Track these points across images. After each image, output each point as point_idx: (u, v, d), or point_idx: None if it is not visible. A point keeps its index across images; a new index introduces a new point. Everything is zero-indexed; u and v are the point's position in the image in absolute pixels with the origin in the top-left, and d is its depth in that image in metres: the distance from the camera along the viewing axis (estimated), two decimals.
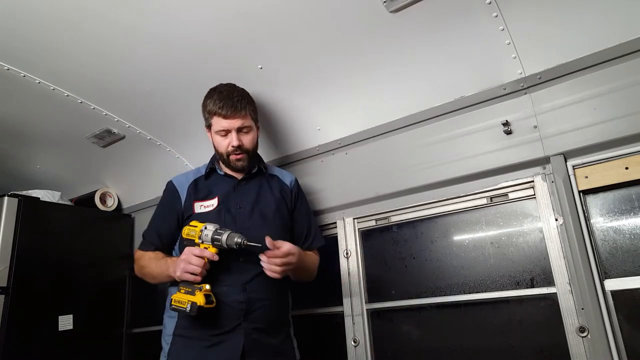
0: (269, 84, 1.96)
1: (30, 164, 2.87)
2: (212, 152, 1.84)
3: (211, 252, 1.47)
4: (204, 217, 1.62)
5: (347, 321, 1.97)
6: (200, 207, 1.69)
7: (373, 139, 2.01)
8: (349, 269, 2.03)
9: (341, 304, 2.01)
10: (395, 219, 1.99)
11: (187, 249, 1.48)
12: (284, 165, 2.27)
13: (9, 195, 2.29)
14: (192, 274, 1.44)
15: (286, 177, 1.88)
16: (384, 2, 1.53)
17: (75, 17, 1.69)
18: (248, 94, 1.76)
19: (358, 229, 2.07)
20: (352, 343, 1.93)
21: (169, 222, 1.73)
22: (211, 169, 1.80)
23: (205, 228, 1.51)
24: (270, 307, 1.62)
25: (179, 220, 1.71)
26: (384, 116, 1.96)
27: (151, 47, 1.83)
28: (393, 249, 1.98)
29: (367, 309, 1.95)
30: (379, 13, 1.58)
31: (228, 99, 1.66)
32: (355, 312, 1.96)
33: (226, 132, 1.68)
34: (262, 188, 1.78)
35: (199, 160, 2.52)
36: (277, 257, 1.47)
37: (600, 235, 1.53)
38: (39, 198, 2.47)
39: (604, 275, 1.49)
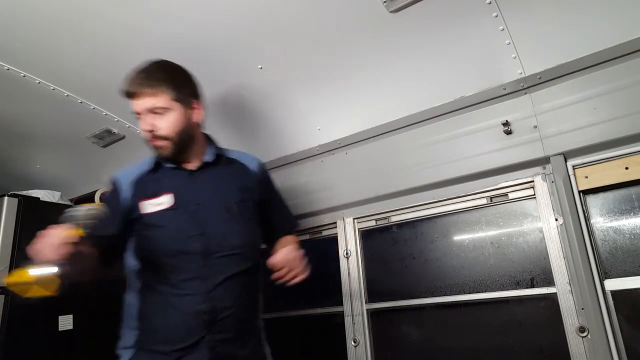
0: (269, 84, 1.96)
1: (30, 164, 2.87)
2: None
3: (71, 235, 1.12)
4: (156, 219, 1.41)
5: (347, 321, 1.97)
6: (149, 206, 1.43)
7: (373, 139, 2.01)
8: (349, 269, 2.03)
9: (341, 304, 2.01)
10: (395, 219, 1.99)
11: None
12: (283, 165, 2.27)
13: (9, 195, 2.28)
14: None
15: (250, 161, 1.60)
16: (384, 2, 1.53)
17: (76, 17, 1.69)
18: (173, 67, 1.48)
19: (358, 229, 2.07)
20: (352, 343, 1.93)
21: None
22: (157, 163, 1.51)
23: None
24: (238, 315, 1.40)
25: (124, 223, 1.44)
26: (384, 116, 1.96)
27: (151, 47, 1.82)
28: (393, 249, 1.98)
29: (367, 309, 1.95)
30: (379, 13, 1.58)
31: (137, 74, 1.40)
32: (355, 312, 1.96)
33: (139, 115, 1.40)
34: (222, 177, 1.52)
35: None
36: (285, 270, 1.36)
37: (600, 235, 1.53)
38: (39, 198, 2.47)
39: (604, 275, 1.49)
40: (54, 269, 1.13)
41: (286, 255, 1.38)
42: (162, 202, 1.44)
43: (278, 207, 1.66)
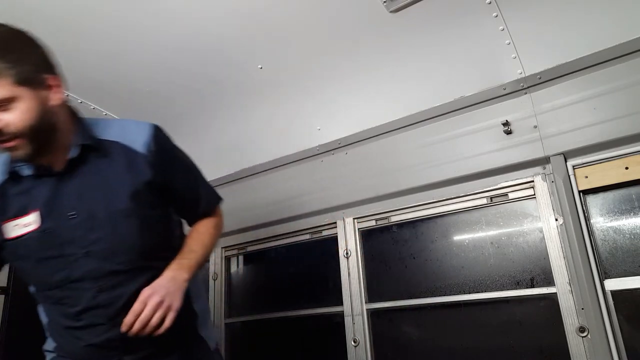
0: (269, 84, 1.96)
1: None
2: (213, 151, 1.83)
3: None
4: (25, 246, 1.12)
5: (347, 321, 1.97)
6: (16, 228, 1.12)
7: (373, 139, 2.01)
8: (349, 269, 2.03)
9: (341, 304, 2.01)
10: (395, 219, 1.98)
11: None
12: (283, 165, 2.26)
13: None
14: None
15: (135, 138, 1.20)
16: (384, 2, 1.53)
17: (75, 17, 1.68)
18: (6, 36, 1.11)
19: (358, 229, 2.07)
20: (352, 343, 1.93)
21: None
22: (13, 173, 1.15)
23: None
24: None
25: None
26: (384, 116, 1.96)
27: (151, 47, 1.83)
28: (393, 249, 1.98)
29: (367, 309, 1.95)
30: (379, 13, 1.58)
31: None
32: (355, 312, 1.96)
33: None
34: (101, 173, 1.15)
35: (198, 160, 2.52)
36: (138, 324, 1.06)
37: (600, 235, 1.53)
38: None
39: (604, 275, 1.49)
40: None
41: (138, 311, 1.07)
42: (29, 222, 1.12)
43: (185, 185, 1.30)
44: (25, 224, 1.12)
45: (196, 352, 1.26)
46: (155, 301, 1.07)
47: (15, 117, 1.04)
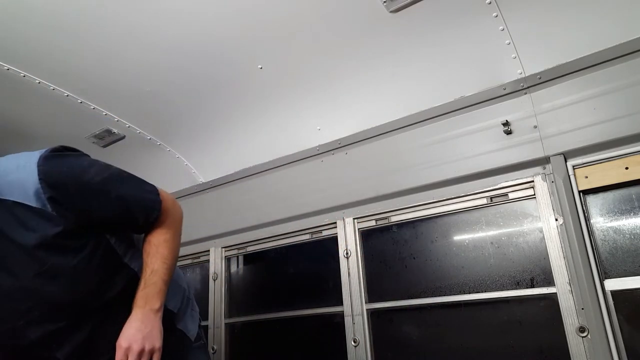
0: (269, 84, 1.96)
1: None
2: (213, 151, 1.83)
3: None
4: None
5: (347, 321, 1.97)
6: None
7: (373, 139, 2.01)
8: (349, 269, 2.03)
9: (341, 304, 2.01)
10: (395, 219, 1.98)
11: None
12: (283, 165, 2.26)
13: None
14: None
15: (23, 189, 0.97)
16: (384, 2, 1.53)
17: (76, 18, 1.68)
18: None
19: (358, 229, 2.07)
20: (352, 343, 1.93)
21: None
22: None
23: None
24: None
25: None
26: (384, 116, 1.96)
27: (151, 48, 1.83)
28: (393, 249, 1.98)
29: (367, 309, 1.95)
30: (379, 13, 1.58)
31: None
32: (355, 312, 1.96)
33: None
34: (2, 238, 0.99)
35: (198, 160, 2.53)
36: None
37: (600, 235, 1.53)
38: None
39: (604, 275, 1.49)
40: None
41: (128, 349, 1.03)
42: None
43: (109, 209, 1.09)
44: None
45: (176, 345, 1.20)
46: (136, 351, 1.02)
47: None
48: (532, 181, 1.66)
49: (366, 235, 2.07)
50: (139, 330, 1.04)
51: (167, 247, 1.18)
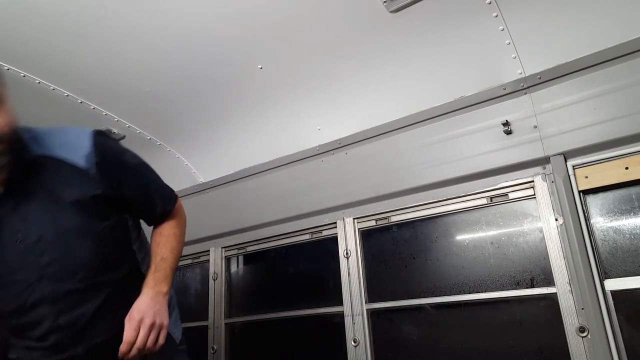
0: (269, 84, 1.96)
1: None
2: (213, 151, 1.83)
3: None
4: None
5: (347, 321, 1.97)
6: None
7: (373, 139, 2.01)
8: (349, 269, 2.03)
9: (341, 304, 2.01)
10: (395, 219, 1.98)
11: None
12: (283, 165, 2.27)
13: None
14: None
15: (76, 152, 1.12)
16: (384, 2, 1.53)
17: (76, 18, 1.68)
18: None
19: (358, 229, 2.07)
20: (352, 343, 1.93)
21: None
22: None
23: None
24: (117, 342, 1.10)
25: None
26: (384, 116, 1.96)
27: (151, 48, 1.83)
28: (393, 249, 1.98)
29: (367, 309, 1.95)
30: (379, 13, 1.58)
31: None
32: (355, 312, 1.96)
33: None
34: (48, 192, 1.09)
35: (198, 160, 2.52)
36: (135, 350, 1.06)
37: (600, 235, 1.53)
38: None
39: (604, 275, 1.49)
40: None
41: (131, 339, 1.07)
42: None
43: (136, 191, 1.23)
44: None
45: (164, 346, 1.23)
46: (148, 324, 1.07)
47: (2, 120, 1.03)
48: (532, 181, 1.66)
49: (366, 235, 2.07)
50: (150, 306, 1.10)
51: (175, 240, 1.28)
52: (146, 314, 1.09)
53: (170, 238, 1.27)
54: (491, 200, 1.77)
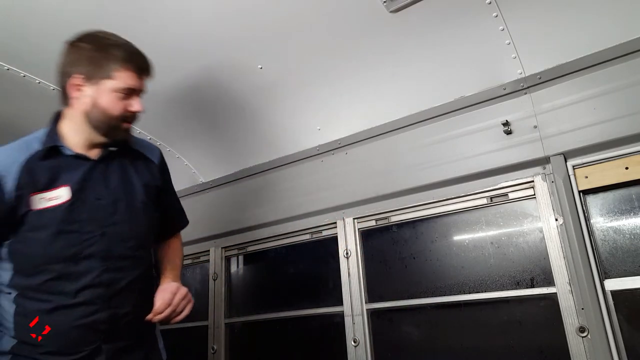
0: (269, 84, 1.96)
1: None
2: (213, 151, 1.84)
3: None
4: (48, 217, 1.19)
5: (347, 321, 1.97)
6: (42, 200, 1.20)
7: (373, 139, 2.01)
8: (349, 269, 2.03)
9: (341, 304, 2.01)
10: (395, 219, 1.98)
11: None
12: (283, 165, 2.27)
13: None
14: None
15: (152, 151, 1.49)
16: (384, 2, 1.53)
17: (76, 18, 1.68)
18: None
19: (358, 229, 2.07)
20: (352, 343, 1.93)
21: None
22: (52, 148, 1.26)
23: None
24: (138, 321, 1.27)
25: (6, 220, 1.20)
26: (383, 116, 1.96)
27: (151, 48, 1.82)
28: (393, 249, 1.98)
29: (367, 309, 1.95)
30: (379, 13, 1.58)
31: (141, 54, 1.36)
32: (355, 312, 1.96)
33: (129, 93, 1.30)
34: (127, 171, 1.38)
35: (199, 160, 2.53)
36: (168, 313, 1.26)
37: (600, 235, 1.53)
38: None
39: (604, 275, 1.49)
40: None
41: (169, 300, 1.26)
42: (57, 196, 1.21)
43: (173, 199, 1.58)
44: (52, 197, 1.22)
45: (153, 348, 1.42)
46: (183, 293, 1.30)
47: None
48: (532, 181, 1.66)
49: (366, 235, 2.07)
50: (178, 286, 1.32)
51: (181, 253, 1.57)
52: (180, 288, 1.31)
53: (177, 251, 1.55)
54: (491, 200, 1.77)
